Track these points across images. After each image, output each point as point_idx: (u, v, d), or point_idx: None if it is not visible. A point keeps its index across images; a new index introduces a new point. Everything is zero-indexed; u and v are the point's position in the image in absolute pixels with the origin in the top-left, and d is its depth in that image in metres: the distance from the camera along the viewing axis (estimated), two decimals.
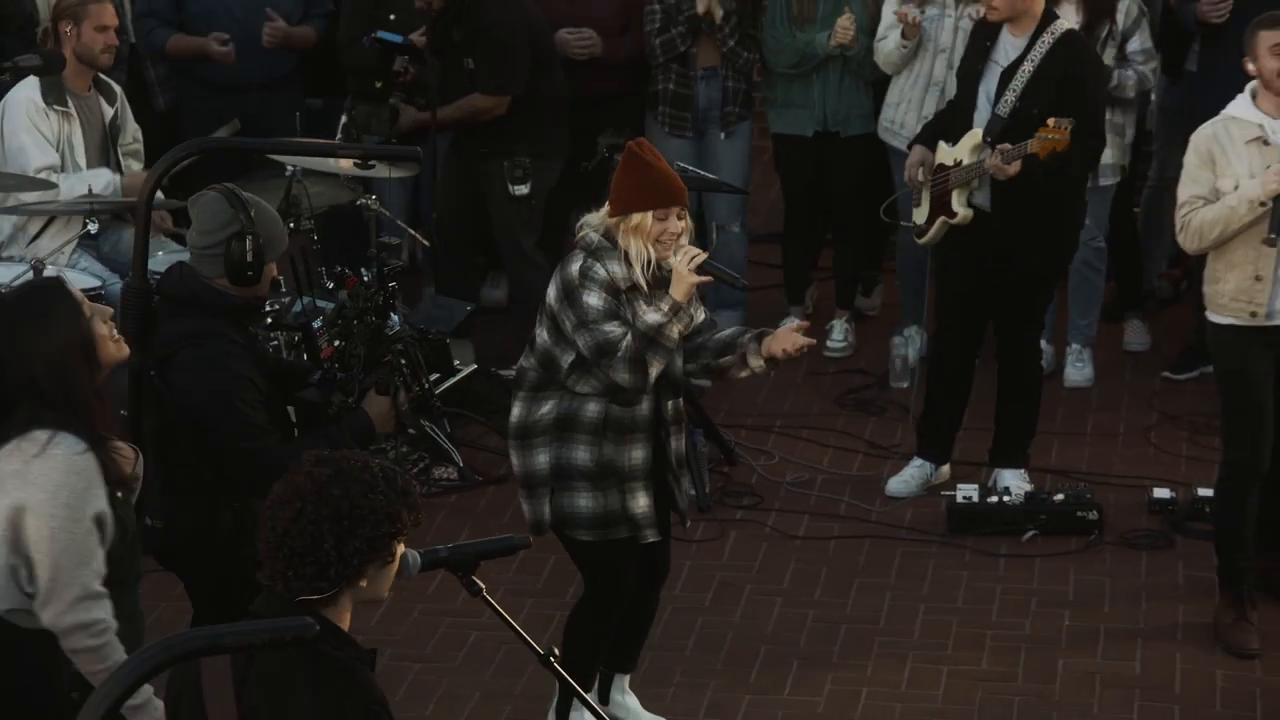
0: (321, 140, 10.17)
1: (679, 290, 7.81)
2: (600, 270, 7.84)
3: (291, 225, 9.77)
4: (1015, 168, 9.64)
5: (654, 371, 7.87)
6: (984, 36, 10.24)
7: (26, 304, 6.69)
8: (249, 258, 7.25)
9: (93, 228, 10.26)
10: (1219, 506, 9.16)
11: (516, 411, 8.11)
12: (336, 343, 7.99)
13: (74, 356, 6.41)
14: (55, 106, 10.17)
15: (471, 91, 10.97)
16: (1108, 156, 10.93)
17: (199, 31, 11.32)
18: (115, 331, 6.63)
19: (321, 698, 5.34)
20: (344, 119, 10.88)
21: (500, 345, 11.09)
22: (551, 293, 8.02)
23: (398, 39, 10.91)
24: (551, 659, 6.10)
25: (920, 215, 10.37)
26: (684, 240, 8.00)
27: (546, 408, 7.97)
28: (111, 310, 6.70)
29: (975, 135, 10.01)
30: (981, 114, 10.10)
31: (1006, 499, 10.14)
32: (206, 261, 7.33)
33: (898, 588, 9.58)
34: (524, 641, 6.01)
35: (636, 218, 7.87)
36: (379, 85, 11.00)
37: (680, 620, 8.85)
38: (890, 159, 11.39)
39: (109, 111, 10.44)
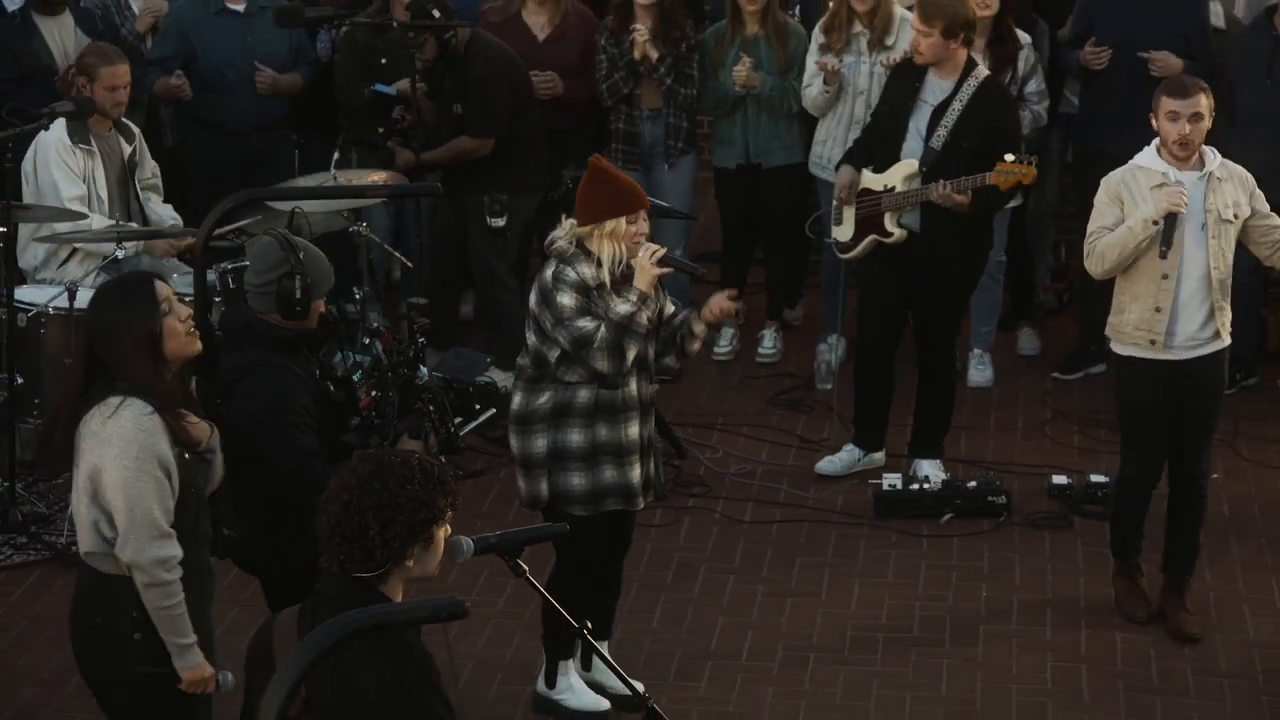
0: (354, 184, 10.17)
1: (643, 281, 7.94)
2: (571, 273, 7.94)
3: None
4: (966, 198, 9.76)
5: (630, 356, 7.98)
6: (910, 78, 10.24)
7: (116, 292, 6.81)
8: (298, 295, 7.29)
9: (120, 254, 10.24)
10: (1115, 509, 9.29)
11: (517, 401, 8.19)
12: (374, 393, 8.08)
13: (142, 343, 6.46)
14: (80, 145, 10.18)
15: (459, 134, 10.93)
16: None
17: (209, 79, 11.27)
18: (191, 328, 6.65)
19: (379, 657, 5.44)
20: (336, 155, 10.85)
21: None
22: (533, 299, 8.12)
23: (393, 92, 10.91)
24: (585, 631, 6.17)
25: (843, 233, 10.35)
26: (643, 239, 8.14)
27: (544, 398, 8.05)
28: (189, 311, 6.72)
29: (910, 165, 10.02)
30: (912, 146, 10.09)
31: (926, 486, 10.24)
32: (260, 298, 7.38)
33: (834, 565, 9.64)
34: (561, 616, 6.08)
35: (611, 224, 7.96)
36: (380, 131, 10.96)
37: (645, 596, 8.95)
38: (819, 190, 11.36)
39: (127, 149, 10.45)
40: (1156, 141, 8.87)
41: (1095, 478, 10.29)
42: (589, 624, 6.24)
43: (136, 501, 6.41)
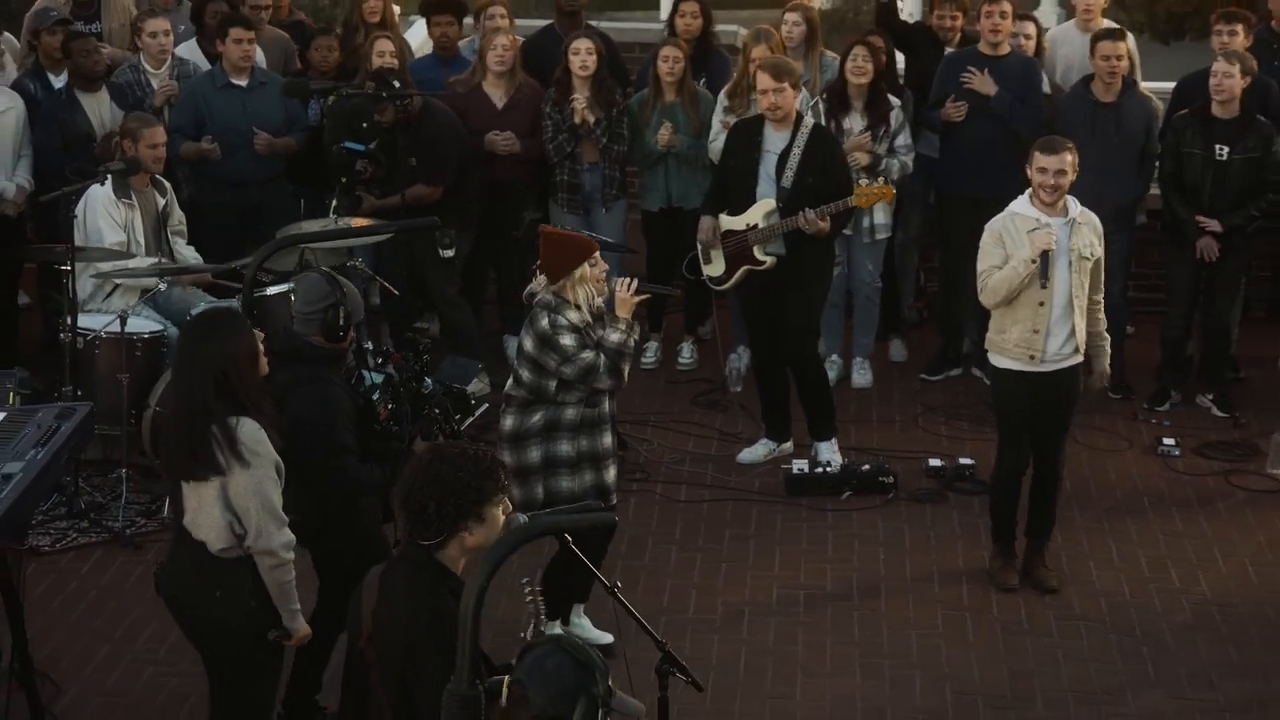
0: (372, 223, 10.23)
1: (624, 310, 8.16)
2: (563, 319, 8.03)
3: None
4: (826, 224, 9.90)
5: (626, 371, 8.16)
6: (751, 134, 10.25)
7: (217, 322, 6.86)
8: (341, 322, 7.47)
9: (162, 287, 10.36)
10: (994, 494, 9.38)
11: (510, 422, 8.28)
12: (390, 405, 8.22)
13: (248, 361, 6.59)
14: (122, 199, 10.22)
15: (415, 183, 10.95)
16: (882, 217, 11.21)
17: (222, 142, 11.26)
18: (262, 351, 6.75)
19: (423, 609, 5.62)
20: (334, 203, 10.77)
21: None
22: (529, 344, 8.17)
23: (359, 147, 10.82)
24: (615, 590, 6.35)
25: (715, 270, 10.38)
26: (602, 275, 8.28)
27: (536, 418, 8.16)
28: (263, 335, 6.83)
29: (768, 203, 10.09)
30: (765, 189, 10.11)
31: (828, 469, 10.33)
32: (306, 324, 7.51)
33: (757, 536, 9.76)
34: (597, 578, 6.26)
35: (579, 271, 8.09)
36: (344, 180, 10.87)
37: (606, 565, 8.83)
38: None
39: (160, 201, 10.50)
40: (1029, 191, 8.96)
41: (963, 460, 10.48)
42: (618, 583, 6.30)
43: (265, 501, 6.52)
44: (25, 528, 8.03)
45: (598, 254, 8.26)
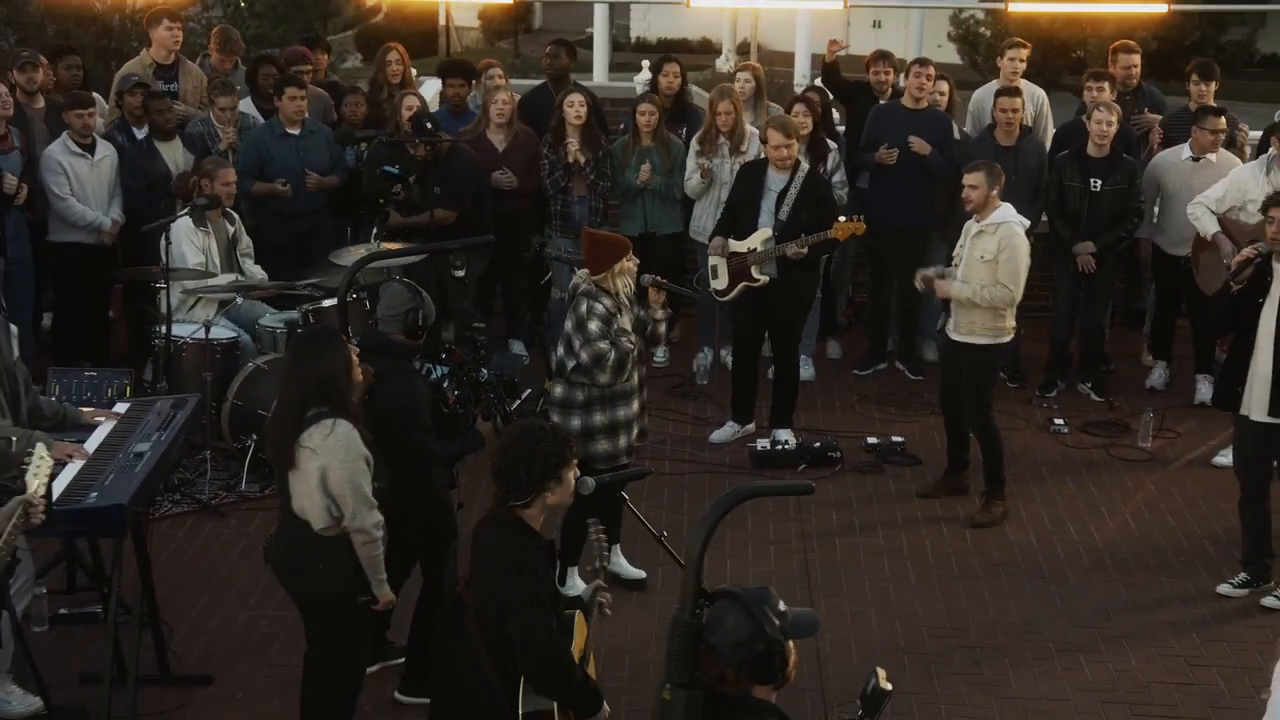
0: (437, 244, 10.22)
1: (656, 299, 8.64)
2: (599, 307, 8.17)
3: (352, 295, 9.80)
4: (805, 250, 10.06)
5: (625, 373, 8.27)
6: (756, 174, 10.35)
7: (319, 340, 6.94)
8: (420, 322, 7.57)
9: (239, 300, 10.49)
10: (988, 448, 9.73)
11: (560, 391, 8.41)
12: (455, 393, 8.33)
13: (344, 372, 6.64)
14: (200, 228, 10.26)
15: (437, 207, 10.94)
16: None
17: (274, 181, 11.29)
18: (356, 360, 6.78)
19: (513, 561, 5.70)
20: (375, 229, 10.92)
21: None
22: (569, 324, 8.30)
23: (395, 171, 10.88)
24: (662, 538, 6.50)
25: (720, 284, 10.43)
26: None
27: (578, 393, 8.31)
28: (357, 350, 6.88)
29: (766, 233, 10.19)
30: (764, 220, 10.21)
31: (785, 447, 10.44)
32: (390, 323, 7.55)
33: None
34: (645, 526, 6.40)
35: (619, 265, 8.27)
36: (381, 201, 10.99)
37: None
38: (696, 249, 11.55)
39: (231, 229, 10.55)
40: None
41: (895, 438, 10.62)
42: (665, 532, 6.54)
43: (358, 490, 6.58)
44: (154, 496, 8.17)
45: (631, 251, 8.41)
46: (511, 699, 5.66)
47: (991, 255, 9.33)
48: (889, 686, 4.82)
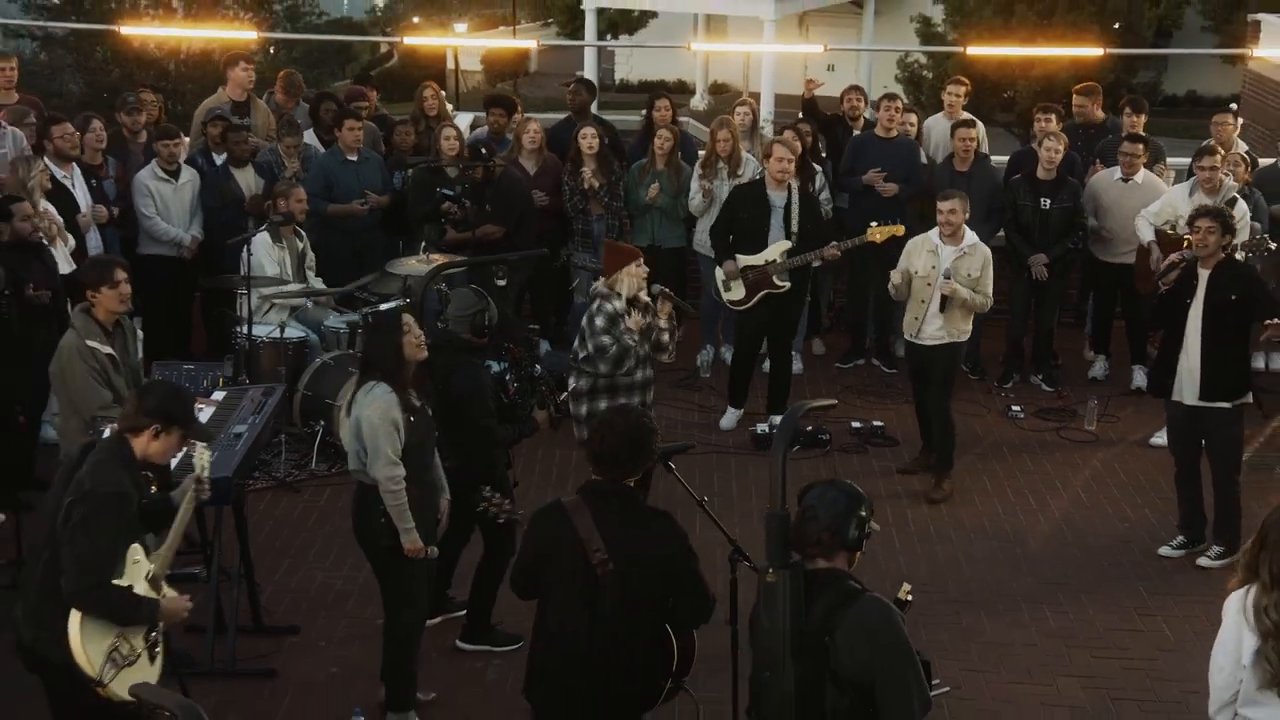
0: (493, 256, 10.29)
1: (665, 309, 8.49)
2: (608, 307, 8.24)
3: (407, 300, 9.84)
4: (840, 253, 10.31)
5: (625, 367, 8.27)
6: (755, 194, 10.34)
7: (378, 323, 7.18)
8: (486, 324, 7.65)
9: (309, 304, 10.55)
10: (950, 431, 9.84)
11: (572, 383, 8.47)
12: (514, 384, 8.41)
13: (391, 348, 6.77)
14: (275, 243, 10.36)
15: (487, 223, 11.01)
16: None
17: (341, 201, 11.27)
18: (422, 342, 6.90)
19: (671, 534, 5.62)
20: (424, 243, 10.99)
21: None
22: (584, 321, 8.39)
23: (451, 193, 10.88)
24: (704, 502, 6.46)
25: (736, 295, 10.39)
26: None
27: (583, 381, 8.39)
28: (420, 332, 6.94)
29: (784, 245, 10.22)
30: (776, 235, 10.24)
31: None
32: (459, 324, 7.65)
33: (737, 478, 9.94)
34: (689, 491, 6.39)
35: (626, 268, 8.33)
36: (441, 220, 11.05)
37: None
38: (700, 264, 11.58)
39: (300, 245, 10.62)
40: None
41: (875, 423, 10.67)
42: (706, 497, 6.54)
43: (379, 443, 6.67)
44: (252, 470, 8.27)
45: (641, 260, 8.46)
46: (659, 636, 5.70)
47: (978, 272, 9.50)
48: (910, 598, 5.14)
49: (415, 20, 42.56)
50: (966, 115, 12.01)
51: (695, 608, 5.71)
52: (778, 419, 10.69)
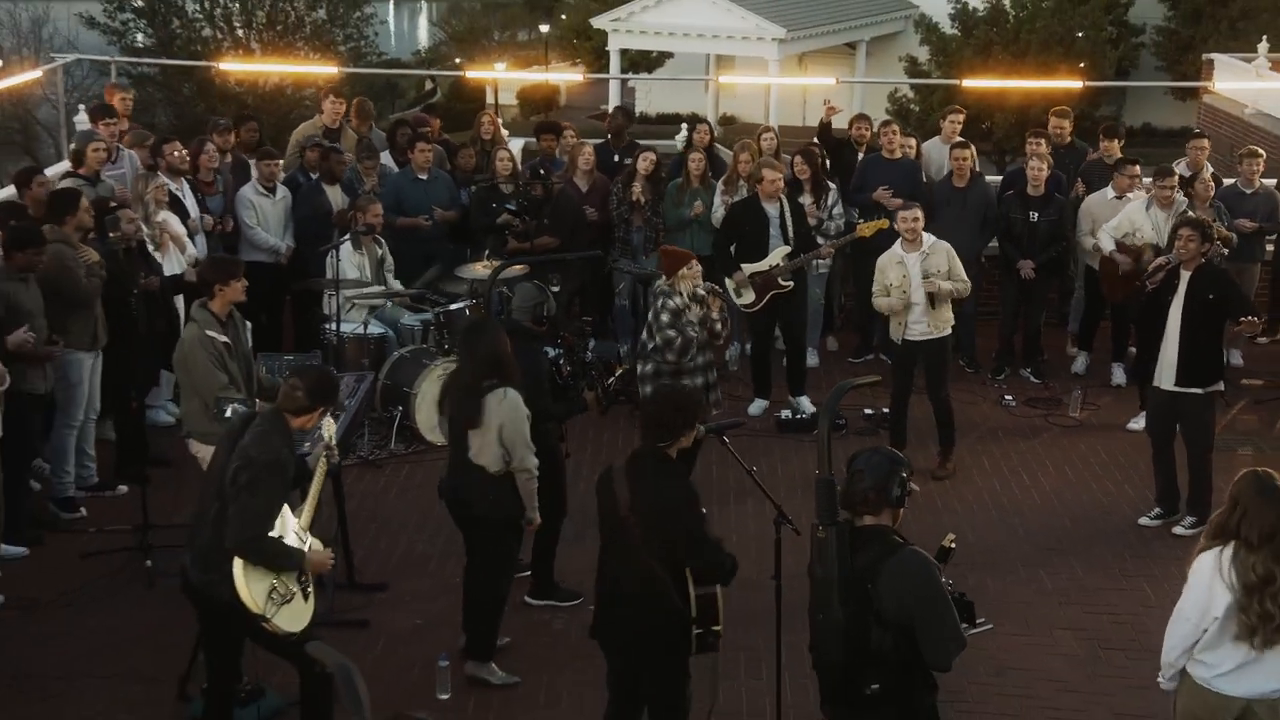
0: (558, 254, 10.38)
1: (715, 307, 8.65)
2: (670, 303, 8.37)
3: (476, 300, 10.14)
4: (834, 250, 10.45)
5: (689, 354, 8.40)
6: (752, 208, 10.41)
7: (482, 328, 7.13)
8: (545, 314, 7.76)
9: (388, 305, 10.65)
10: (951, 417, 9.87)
11: (640, 368, 8.55)
12: (568, 369, 8.51)
13: (505, 350, 6.85)
14: (357, 250, 10.42)
15: (543, 234, 11.00)
16: (824, 260, 11.32)
17: (407, 215, 11.32)
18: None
19: (680, 485, 5.81)
20: (486, 251, 11.03)
21: None
22: (650, 316, 8.47)
23: (512, 207, 10.95)
24: (752, 472, 6.57)
25: (747, 299, 10.44)
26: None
27: (649, 366, 8.49)
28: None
29: (784, 249, 10.31)
30: (776, 241, 10.32)
31: (804, 415, 10.55)
32: (523, 314, 7.77)
33: (765, 457, 9.74)
34: (739, 461, 6.45)
35: (684, 270, 8.47)
36: (505, 232, 11.09)
37: None
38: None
39: (379, 251, 10.66)
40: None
41: (884, 409, 10.45)
42: (754, 466, 6.64)
43: (524, 440, 6.81)
44: (350, 446, 8.37)
45: (695, 261, 8.55)
46: (680, 586, 5.75)
47: (945, 265, 9.56)
48: (953, 545, 5.27)
49: (457, 61, 42.64)
50: (961, 139, 12.03)
51: (703, 561, 5.78)
52: (799, 399, 10.82)
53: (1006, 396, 11.36)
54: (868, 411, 10.77)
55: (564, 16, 44.44)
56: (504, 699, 7.04)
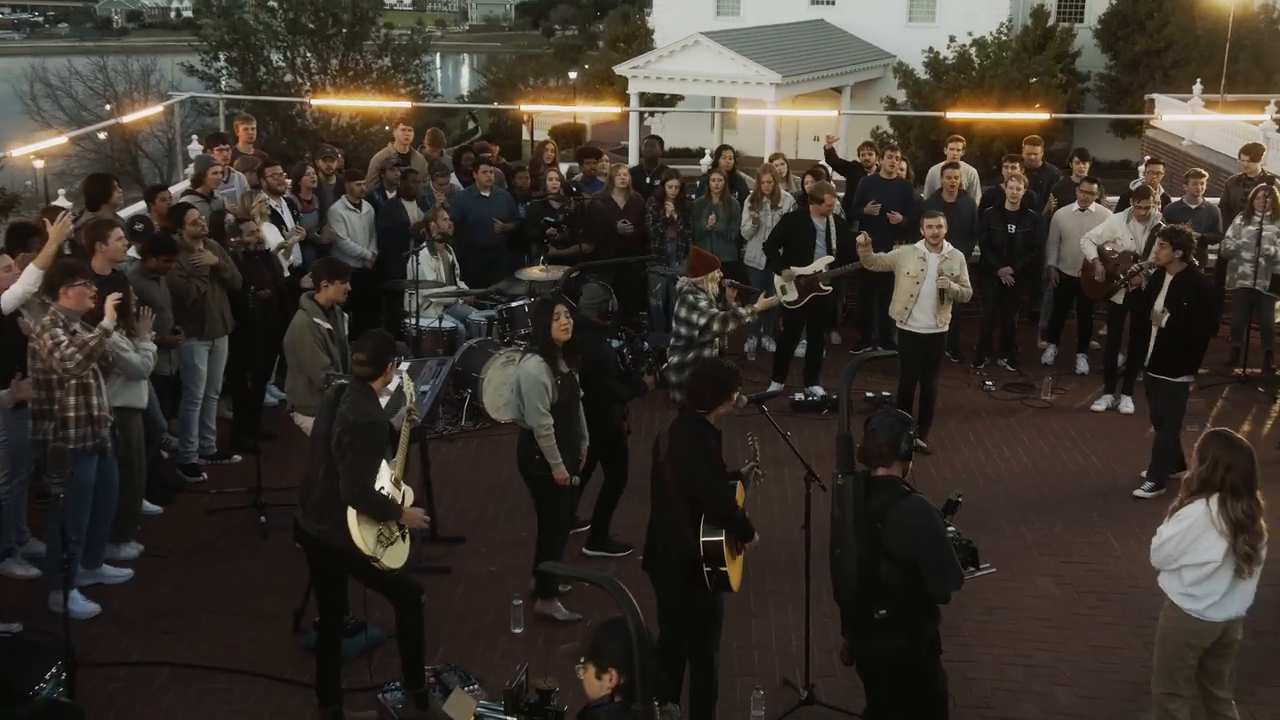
0: (600, 261, 10.38)
1: (762, 306, 8.86)
2: (702, 298, 8.36)
3: (528, 300, 10.10)
4: (859, 266, 10.06)
5: (732, 328, 8.40)
6: (801, 221, 10.42)
7: (537, 306, 7.13)
8: (610, 309, 7.75)
9: (460, 302, 10.69)
10: (934, 402, 9.80)
11: (672, 358, 8.52)
12: (629, 356, 8.49)
13: (544, 327, 6.87)
14: (433, 256, 10.42)
15: (578, 243, 11.02)
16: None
17: (472, 226, 11.18)
18: (568, 326, 6.88)
19: (700, 447, 5.67)
20: (542, 257, 11.06)
21: None
22: (681, 312, 8.36)
23: (553, 220, 10.99)
24: (787, 436, 6.54)
25: (789, 297, 10.31)
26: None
27: (691, 355, 8.43)
28: (568, 318, 6.89)
29: (827, 258, 10.32)
30: (820, 251, 10.32)
31: (814, 398, 10.52)
32: (590, 310, 7.73)
33: (787, 429, 10.03)
34: (775, 427, 6.44)
35: (709, 275, 8.38)
36: (544, 240, 11.10)
37: None
38: (749, 275, 11.34)
39: (450, 257, 10.65)
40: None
41: (885, 393, 10.54)
42: (789, 431, 6.62)
43: (532, 398, 6.81)
44: (435, 419, 8.39)
45: (719, 268, 8.53)
46: (696, 531, 5.77)
47: (958, 270, 9.54)
48: (960, 500, 5.32)
49: (494, 104, 42.68)
50: (951, 162, 12.01)
51: (711, 508, 5.71)
52: (816, 389, 10.77)
53: (987, 383, 11.36)
54: (868, 395, 10.74)
55: (586, 66, 44.55)
56: (569, 633, 7.06)
